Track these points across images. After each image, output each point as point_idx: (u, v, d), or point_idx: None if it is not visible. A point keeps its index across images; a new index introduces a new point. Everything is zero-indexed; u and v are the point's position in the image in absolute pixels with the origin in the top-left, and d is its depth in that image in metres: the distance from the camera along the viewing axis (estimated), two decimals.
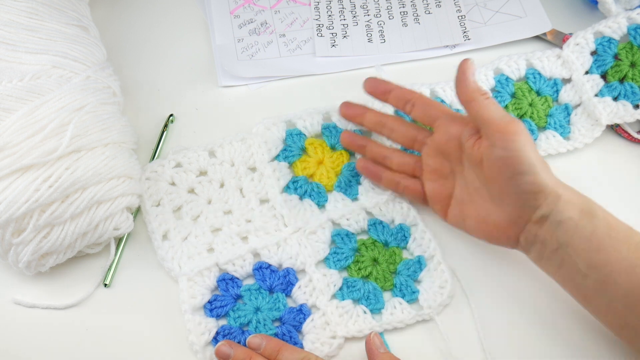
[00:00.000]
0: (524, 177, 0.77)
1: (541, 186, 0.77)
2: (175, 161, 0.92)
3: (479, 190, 0.82)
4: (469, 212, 0.84)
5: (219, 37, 1.04)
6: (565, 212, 0.77)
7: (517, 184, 0.77)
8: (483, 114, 0.79)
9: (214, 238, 0.88)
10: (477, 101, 0.80)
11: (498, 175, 0.78)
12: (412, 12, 1.06)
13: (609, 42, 0.97)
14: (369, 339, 0.80)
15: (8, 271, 0.87)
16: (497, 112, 0.79)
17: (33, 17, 0.86)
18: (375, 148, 0.91)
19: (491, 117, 0.78)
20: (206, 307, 0.84)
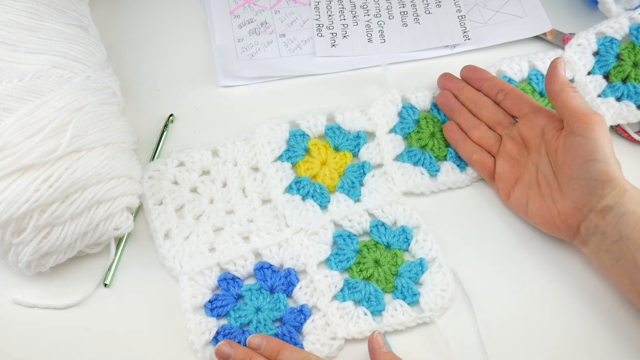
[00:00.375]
0: (597, 165, 0.80)
1: (611, 176, 0.80)
2: (178, 160, 0.92)
3: (548, 178, 0.86)
4: (534, 197, 0.87)
5: (219, 37, 1.04)
6: (630, 205, 0.79)
7: (589, 170, 0.81)
8: (570, 103, 0.84)
9: (216, 237, 0.88)
10: (566, 92, 0.85)
11: (572, 161, 0.82)
12: (412, 12, 1.06)
13: (611, 42, 0.97)
14: (372, 337, 0.80)
15: (8, 271, 0.87)
16: (582, 104, 0.84)
17: (33, 17, 0.86)
18: (465, 114, 0.94)
19: (576, 107, 0.83)
20: (207, 306, 0.84)
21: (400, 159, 0.93)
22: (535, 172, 0.87)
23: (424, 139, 0.94)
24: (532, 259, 0.88)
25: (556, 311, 0.85)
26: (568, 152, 0.82)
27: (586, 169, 0.81)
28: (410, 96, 0.97)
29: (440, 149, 0.94)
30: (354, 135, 0.94)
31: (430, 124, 0.95)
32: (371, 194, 0.91)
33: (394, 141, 0.94)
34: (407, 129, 0.95)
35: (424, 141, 0.94)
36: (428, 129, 0.95)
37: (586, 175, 0.81)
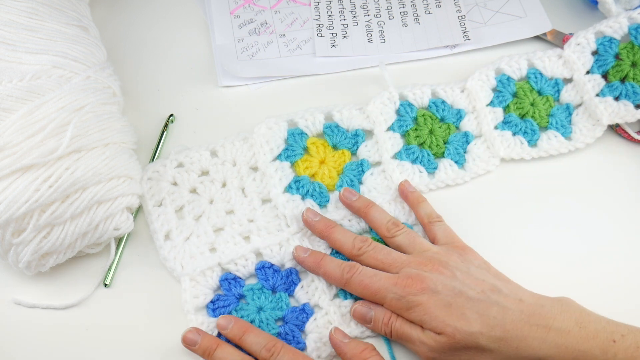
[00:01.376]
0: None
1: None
2: (177, 161, 0.92)
3: None
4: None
5: (219, 37, 1.04)
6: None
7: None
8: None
9: (216, 238, 0.88)
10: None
11: None
12: (412, 12, 1.06)
13: (610, 41, 0.97)
14: (331, 335, 0.80)
15: (8, 271, 0.87)
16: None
17: (33, 17, 0.86)
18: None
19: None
20: (209, 307, 0.84)
21: (399, 157, 0.93)
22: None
23: (422, 137, 0.94)
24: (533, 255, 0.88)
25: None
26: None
27: None
28: (408, 94, 0.97)
29: (438, 146, 0.94)
30: (352, 133, 0.94)
31: (429, 121, 0.95)
32: (370, 192, 0.91)
33: (392, 139, 0.94)
34: (405, 127, 0.95)
35: (422, 138, 0.94)
36: (426, 127, 0.95)
37: None
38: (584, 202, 0.92)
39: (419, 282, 0.78)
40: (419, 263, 0.81)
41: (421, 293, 0.78)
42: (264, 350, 0.78)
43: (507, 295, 0.78)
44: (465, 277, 0.79)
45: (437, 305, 0.77)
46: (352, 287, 0.82)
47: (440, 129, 0.95)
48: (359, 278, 0.81)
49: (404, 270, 0.80)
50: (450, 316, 0.76)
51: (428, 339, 0.77)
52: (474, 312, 0.76)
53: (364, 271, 0.81)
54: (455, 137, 0.95)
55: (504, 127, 0.95)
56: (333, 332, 0.80)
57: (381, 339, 0.83)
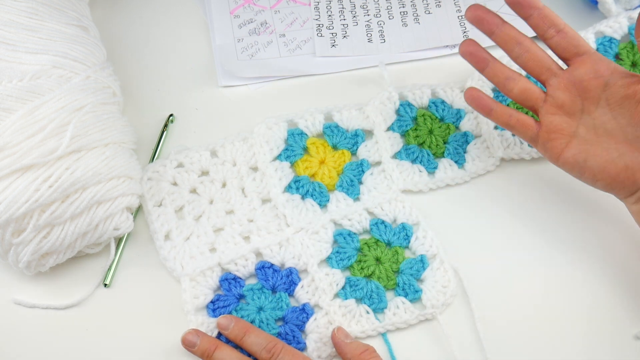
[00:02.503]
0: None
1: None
2: (177, 161, 0.92)
3: (611, 132, 0.81)
4: (594, 152, 0.81)
5: (219, 37, 1.04)
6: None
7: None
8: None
9: (216, 238, 0.88)
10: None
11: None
12: (412, 12, 1.06)
13: (610, 41, 0.98)
14: (334, 334, 0.81)
15: (8, 271, 0.87)
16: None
17: (33, 17, 0.86)
18: (499, 66, 0.86)
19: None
20: (209, 307, 0.84)
21: (399, 157, 0.93)
22: (594, 127, 0.82)
23: (422, 136, 0.94)
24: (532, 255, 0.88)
25: (556, 308, 0.85)
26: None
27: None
28: (408, 93, 0.97)
29: (438, 146, 0.94)
30: (352, 133, 0.94)
31: (428, 121, 0.95)
32: (370, 192, 0.91)
33: (392, 139, 0.94)
34: (404, 127, 0.95)
35: (422, 138, 0.94)
36: (426, 126, 0.95)
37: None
38: (584, 202, 0.92)
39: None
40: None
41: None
42: (264, 351, 0.78)
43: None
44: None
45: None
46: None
47: (440, 129, 0.95)
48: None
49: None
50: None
51: None
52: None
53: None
54: (455, 137, 0.95)
55: (503, 128, 0.95)
56: (336, 331, 0.81)
57: (382, 340, 0.83)
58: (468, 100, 0.88)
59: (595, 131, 0.82)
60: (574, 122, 0.82)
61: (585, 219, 0.91)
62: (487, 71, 0.87)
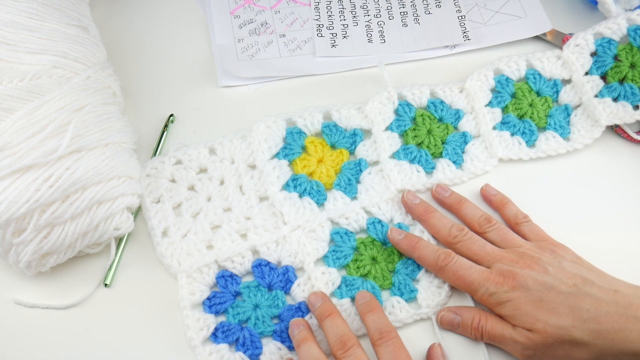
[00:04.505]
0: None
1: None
2: (175, 158, 0.92)
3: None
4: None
5: (219, 37, 1.04)
6: None
7: None
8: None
9: (214, 235, 0.88)
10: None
11: None
12: (412, 12, 1.06)
13: (608, 43, 0.97)
14: (433, 347, 0.81)
15: (8, 271, 0.87)
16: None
17: (33, 17, 0.86)
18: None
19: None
20: (205, 303, 0.84)
21: (397, 157, 0.93)
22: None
23: (420, 136, 0.94)
24: None
25: None
26: None
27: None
28: (407, 93, 0.97)
29: (436, 146, 0.94)
30: (350, 132, 0.94)
31: (427, 121, 0.95)
32: (367, 192, 0.91)
33: (390, 138, 0.94)
34: (403, 127, 0.95)
35: (420, 138, 0.94)
36: (424, 127, 0.95)
37: None
38: (583, 203, 0.92)
39: (510, 279, 0.79)
40: (511, 260, 0.81)
41: (512, 290, 0.78)
42: (338, 341, 0.77)
43: (601, 286, 0.78)
44: (557, 272, 0.79)
45: (527, 301, 0.78)
46: (445, 275, 0.83)
47: (439, 129, 0.95)
48: (453, 268, 0.82)
49: (496, 265, 0.81)
50: (541, 311, 0.77)
51: (520, 336, 0.78)
52: (565, 306, 0.77)
53: (459, 262, 0.82)
54: (454, 137, 0.95)
55: (502, 128, 0.95)
56: (435, 347, 0.81)
57: None
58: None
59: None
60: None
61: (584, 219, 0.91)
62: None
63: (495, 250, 0.83)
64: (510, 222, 0.89)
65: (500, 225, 0.87)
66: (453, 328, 0.82)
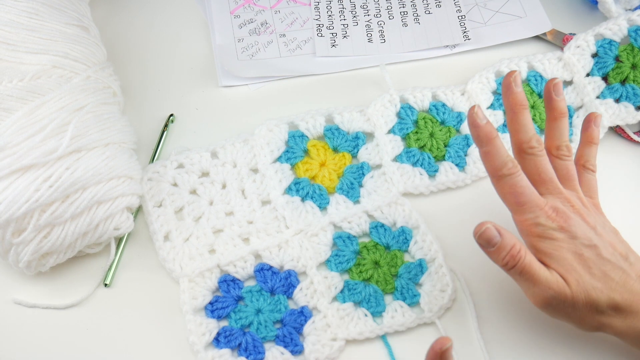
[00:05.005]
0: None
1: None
2: (177, 162, 0.92)
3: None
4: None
5: (219, 37, 1.04)
6: None
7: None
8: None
9: (216, 239, 0.88)
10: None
11: None
12: (412, 12, 1.06)
13: (609, 44, 0.98)
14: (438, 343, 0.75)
15: (8, 271, 0.87)
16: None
17: (33, 17, 0.86)
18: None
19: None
20: (207, 308, 0.84)
21: (399, 160, 0.93)
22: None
23: (423, 139, 0.94)
24: None
25: None
26: None
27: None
28: (409, 96, 0.97)
29: (438, 149, 0.94)
30: (352, 136, 0.94)
31: (429, 124, 0.95)
32: (370, 195, 0.91)
33: (392, 142, 0.94)
34: (405, 130, 0.95)
35: (423, 141, 0.94)
36: (427, 129, 0.95)
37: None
38: None
39: (562, 220, 0.77)
40: (568, 200, 0.79)
41: (560, 231, 0.77)
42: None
43: (633, 264, 0.78)
44: (603, 234, 0.79)
45: (570, 249, 0.77)
46: (502, 185, 0.79)
47: (441, 132, 0.95)
48: (514, 180, 0.78)
49: (553, 199, 0.79)
50: (579, 264, 0.76)
51: (555, 282, 0.76)
52: (600, 270, 0.76)
53: (522, 177, 0.79)
54: (456, 140, 0.95)
55: (504, 130, 0.95)
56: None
57: (382, 342, 0.83)
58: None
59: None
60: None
61: None
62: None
63: (558, 185, 0.81)
64: (580, 161, 0.86)
65: (573, 162, 0.84)
66: (488, 246, 0.78)
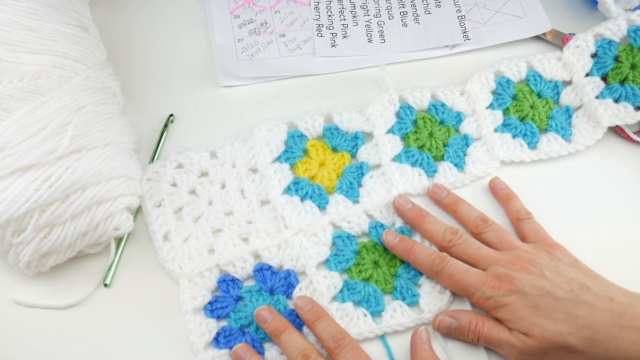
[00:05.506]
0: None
1: None
2: (176, 162, 0.92)
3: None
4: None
5: (219, 37, 1.04)
6: None
7: None
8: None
9: (215, 239, 0.88)
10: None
11: None
12: (412, 12, 1.06)
13: (609, 44, 0.97)
14: (416, 331, 0.81)
15: (8, 271, 0.87)
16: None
17: (33, 17, 0.86)
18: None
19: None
20: (207, 308, 0.84)
21: (398, 160, 0.93)
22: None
23: (422, 139, 0.94)
24: None
25: None
26: None
27: None
28: (408, 96, 0.97)
29: (437, 149, 0.94)
30: (352, 136, 0.94)
31: (428, 124, 0.95)
32: (369, 195, 0.91)
33: (391, 142, 0.94)
34: (404, 130, 0.95)
35: (422, 141, 0.94)
36: (426, 129, 0.95)
37: None
38: (585, 204, 0.92)
39: (507, 283, 0.79)
40: (507, 262, 0.81)
41: (509, 294, 0.79)
42: (331, 340, 0.78)
43: (597, 293, 0.78)
44: (554, 276, 0.79)
45: (524, 306, 0.78)
46: (441, 279, 0.83)
47: (440, 131, 0.95)
48: (449, 272, 0.82)
49: (493, 268, 0.81)
50: (538, 317, 0.77)
51: (516, 340, 0.78)
52: (561, 312, 0.77)
53: (454, 265, 0.82)
54: (455, 139, 0.95)
55: (503, 130, 0.95)
56: (420, 331, 0.81)
57: (381, 342, 0.83)
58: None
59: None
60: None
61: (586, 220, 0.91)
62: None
63: (491, 253, 0.83)
64: (513, 217, 0.89)
65: (496, 225, 0.87)
66: (450, 332, 0.82)
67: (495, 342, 0.79)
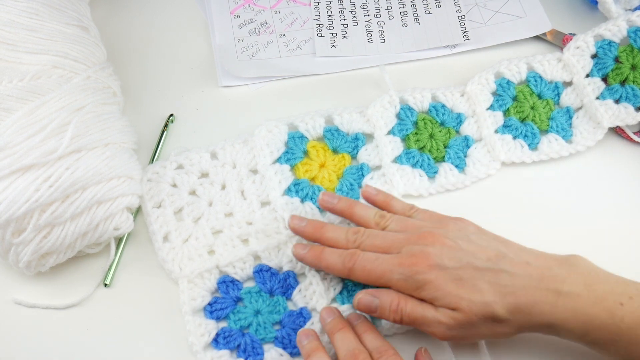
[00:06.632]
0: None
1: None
2: (176, 163, 0.92)
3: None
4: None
5: (219, 37, 1.04)
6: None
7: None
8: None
9: (215, 240, 0.88)
10: None
11: None
12: (412, 12, 1.06)
13: (609, 45, 0.98)
14: (420, 353, 0.80)
15: (8, 271, 0.87)
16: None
17: (33, 17, 0.86)
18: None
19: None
20: (206, 309, 0.84)
21: (399, 161, 0.93)
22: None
23: (422, 141, 0.94)
24: None
25: None
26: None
27: None
28: (409, 97, 0.97)
29: (438, 150, 0.94)
30: (352, 137, 0.94)
31: (429, 125, 0.95)
32: None
33: (392, 143, 0.94)
34: (405, 131, 0.95)
35: (422, 142, 0.94)
36: (426, 131, 0.95)
37: None
38: (585, 204, 0.92)
39: (424, 259, 0.77)
40: (418, 238, 0.79)
41: (429, 270, 0.76)
42: (349, 354, 0.76)
43: (513, 259, 0.77)
44: (469, 246, 0.78)
45: (447, 280, 0.76)
46: (356, 275, 0.80)
47: (441, 133, 0.95)
48: (361, 264, 0.79)
49: (406, 248, 0.78)
50: (463, 289, 0.75)
51: (444, 317, 0.76)
52: (484, 282, 0.75)
53: (364, 256, 0.79)
54: (456, 141, 0.95)
55: (504, 131, 0.95)
56: (422, 352, 0.80)
57: None
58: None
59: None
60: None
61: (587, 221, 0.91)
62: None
63: (400, 236, 0.81)
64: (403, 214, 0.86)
65: (395, 216, 0.84)
66: (370, 312, 0.79)
67: (420, 320, 0.77)
